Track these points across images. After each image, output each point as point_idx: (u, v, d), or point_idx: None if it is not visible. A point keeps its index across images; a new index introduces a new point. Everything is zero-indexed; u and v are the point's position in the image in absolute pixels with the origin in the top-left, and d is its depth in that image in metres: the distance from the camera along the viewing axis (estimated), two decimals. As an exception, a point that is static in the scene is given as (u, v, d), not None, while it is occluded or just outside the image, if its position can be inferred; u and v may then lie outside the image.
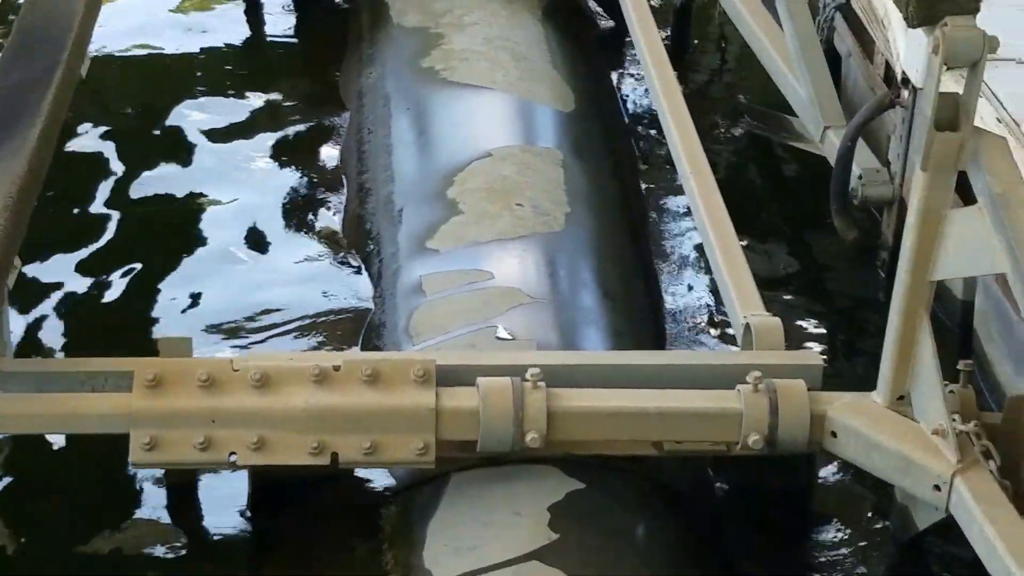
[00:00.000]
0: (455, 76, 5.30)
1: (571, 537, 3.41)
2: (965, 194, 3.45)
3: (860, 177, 4.78)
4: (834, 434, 3.62)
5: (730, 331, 4.20)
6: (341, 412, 3.47)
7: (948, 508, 3.45)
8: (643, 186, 5.43)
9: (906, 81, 4.63)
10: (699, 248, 4.46)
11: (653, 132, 5.67)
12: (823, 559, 3.94)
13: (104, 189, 5.35)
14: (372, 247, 4.64)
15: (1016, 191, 3.27)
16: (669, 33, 6.23)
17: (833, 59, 5.32)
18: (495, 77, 5.29)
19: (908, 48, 4.51)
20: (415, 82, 5.38)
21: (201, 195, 5.33)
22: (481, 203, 4.56)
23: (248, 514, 3.77)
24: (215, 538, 3.81)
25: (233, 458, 3.47)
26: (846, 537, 4.00)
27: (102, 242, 5.06)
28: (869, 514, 4.02)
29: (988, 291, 4.28)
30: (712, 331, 4.66)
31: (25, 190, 3.64)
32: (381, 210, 4.76)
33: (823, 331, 4.65)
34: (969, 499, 3.37)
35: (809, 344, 3.86)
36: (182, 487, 3.83)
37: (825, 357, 3.76)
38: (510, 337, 3.95)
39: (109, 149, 5.59)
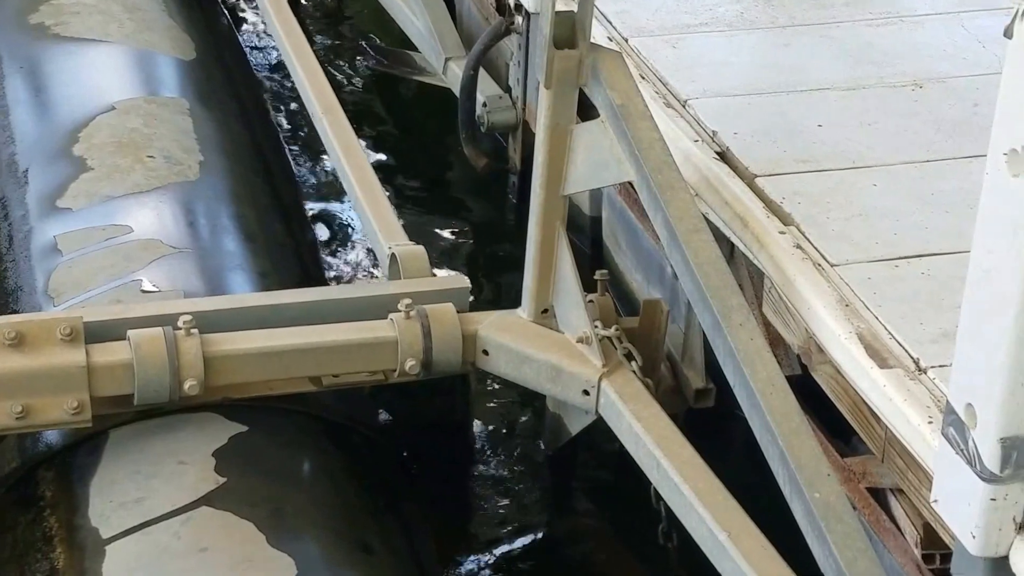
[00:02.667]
0: (68, 31, 5.14)
1: (238, 480, 3.39)
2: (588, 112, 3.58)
3: (484, 105, 4.89)
4: (486, 352, 3.71)
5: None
6: (-11, 378, 3.36)
7: (597, 410, 3.60)
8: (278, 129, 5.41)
9: (519, 7, 4.75)
10: (341, 185, 4.48)
11: (278, 76, 5.65)
12: (484, 474, 4.05)
13: None
14: (-1, 211, 4.48)
15: (634, 102, 3.42)
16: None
17: (447, -9, 5.41)
18: (109, 29, 5.16)
19: (518, -27, 4.65)
20: (26, 40, 5.18)
21: None
22: (111, 158, 4.45)
23: None
24: None
25: None
26: (504, 456, 4.13)
27: None
28: (523, 427, 4.16)
29: (613, 205, 4.46)
30: (363, 264, 4.71)
31: None
32: (5, 172, 4.59)
33: (465, 256, 4.75)
34: (616, 399, 3.53)
35: (454, 269, 3.93)
36: None
37: (469, 281, 3.86)
38: (156, 289, 3.89)
39: None
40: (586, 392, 3.61)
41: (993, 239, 2.39)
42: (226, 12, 6.08)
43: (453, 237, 4.88)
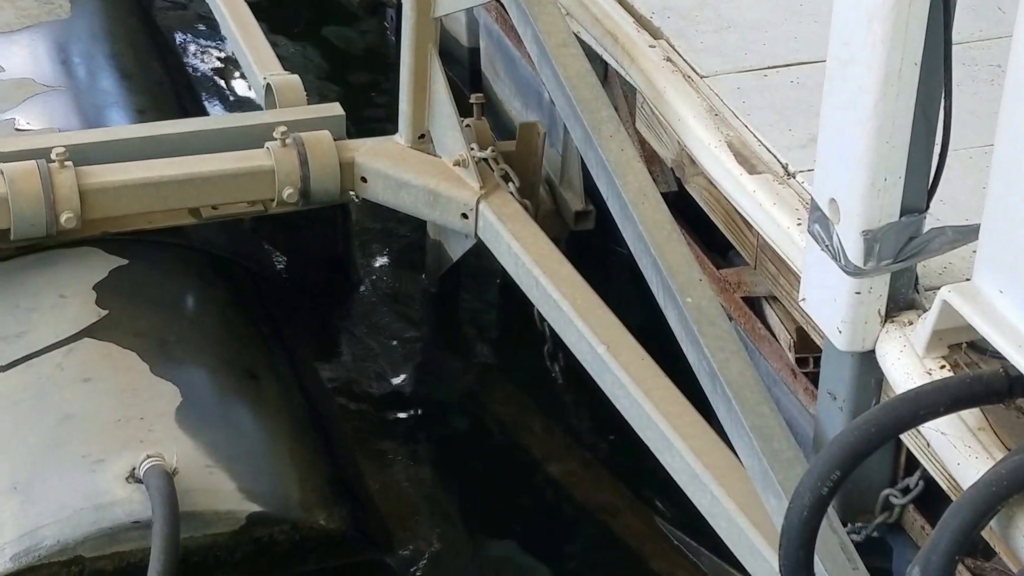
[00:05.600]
0: None
1: (120, 312, 3.36)
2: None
3: (358, -66, 4.80)
4: (364, 179, 3.68)
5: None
6: None
7: (476, 233, 3.58)
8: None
9: None
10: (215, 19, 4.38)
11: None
12: (364, 309, 4.03)
13: None
14: None
15: (503, -82, 3.36)
16: None
17: None
18: None
19: None
20: None
21: None
22: (-19, -2, 4.34)
23: None
24: None
25: None
26: (388, 282, 4.11)
27: None
28: (406, 256, 4.13)
29: (491, 34, 4.40)
30: (241, 99, 4.63)
31: None
32: None
33: (342, 87, 4.69)
34: (495, 220, 3.52)
35: (332, 99, 3.87)
36: None
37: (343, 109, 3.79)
38: (30, 127, 3.80)
39: None
40: (464, 216, 3.59)
41: (849, 31, 2.37)
42: None
43: (330, 68, 4.80)
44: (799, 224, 2.84)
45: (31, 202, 3.37)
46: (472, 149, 3.61)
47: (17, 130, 3.78)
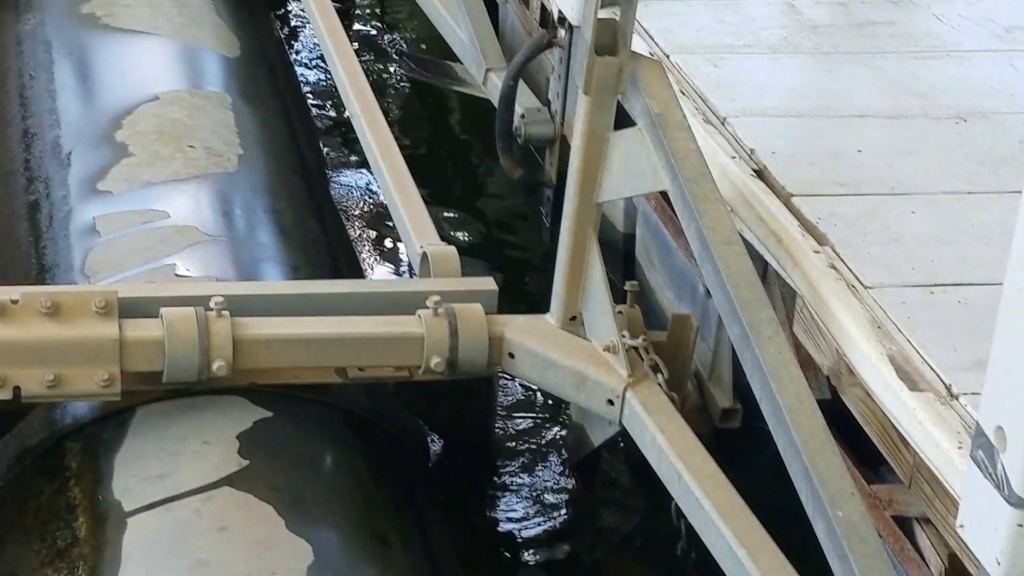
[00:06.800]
0: (117, 22, 5.16)
1: (260, 464, 3.36)
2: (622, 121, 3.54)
3: (523, 116, 4.86)
4: (511, 355, 3.66)
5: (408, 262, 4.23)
6: (22, 345, 3.33)
7: (621, 421, 3.55)
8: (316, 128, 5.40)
9: (562, 20, 4.73)
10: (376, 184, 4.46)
11: (322, 78, 5.64)
12: (505, 480, 4.01)
13: None
14: (41, 190, 4.46)
15: (672, 112, 3.38)
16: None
17: (490, 5, 5.38)
18: (158, 23, 5.17)
19: (563, -14, 4.62)
20: (76, 28, 5.20)
21: None
22: (152, 145, 4.45)
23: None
24: None
25: (-93, 395, 3.30)
26: (526, 460, 4.09)
27: None
28: (547, 436, 4.12)
29: (648, 221, 4.42)
30: (393, 262, 4.68)
31: None
32: (48, 154, 4.58)
33: (495, 262, 4.72)
34: (640, 410, 3.48)
35: (484, 273, 3.90)
36: None
37: (496, 283, 3.81)
38: (189, 274, 3.87)
39: None
40: (610, 402, 3.55)
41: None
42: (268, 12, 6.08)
43: (485, 243, 4.85)
44: (960, 447, 2.78)
45: (186, 347, 3.40)
46: (623, 336, 3.59)
47: (177, 275, 3.85)
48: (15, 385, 3.33)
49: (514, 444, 4.11)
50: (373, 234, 4.84)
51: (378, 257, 4.74)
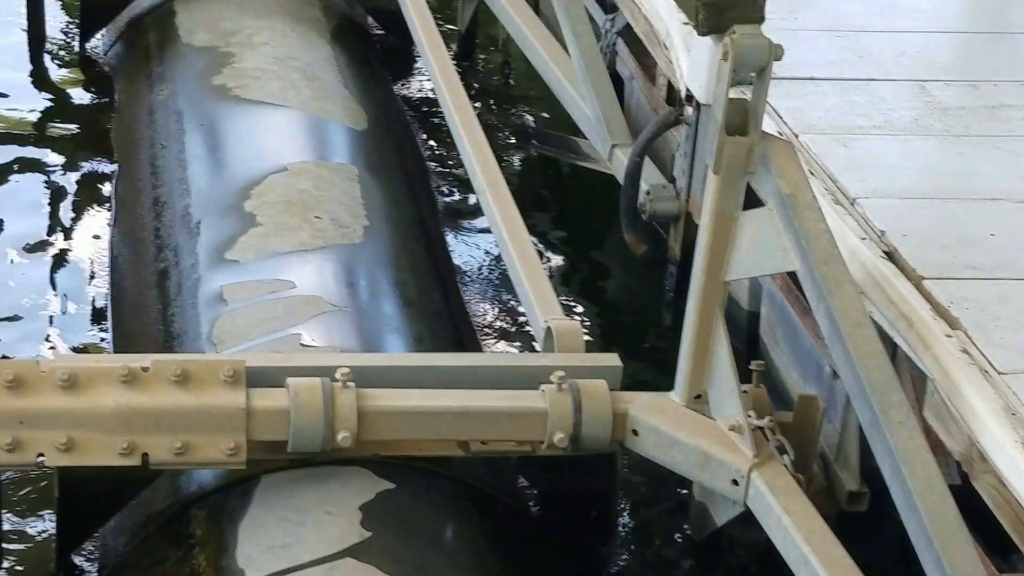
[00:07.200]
0: (248, 94, 5.25)
1: (382, 536, 3.38)
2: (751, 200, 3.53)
3: (648, 193, 4.85)
4: (635, 432, 3.65)
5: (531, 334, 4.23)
6: (151, 412, 3.38)
7: (746, 501, 3.51)
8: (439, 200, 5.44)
9: (690, 98, 4.73)
10: (499, 257, 4.48)
11: (446, 150, 5.69)
12: (626, 557, 3.98)
13: None
14: (170, 258, 4.53)
15: (803, 192, 3.36)
16: (455, 54, 6.24)
17: (616, 83, 5.40)
18: (287, 95, 5.25)
19: (691, 65, 4.61)
20: (208, 99, 5.30)
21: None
22: (280, 216, 4.51)
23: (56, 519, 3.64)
24: (20, 545, 3.67)
25: (41, 459, 3.35)
26: (648, 536, 4.06)
27: None
28: (670, 513, 4.08)
29: (773, 300, 4.38)
30: (515, 335, 4.69)
31: None
32: (178, 222, 4.67)
33: (618, 338, 4.71)
34: (766, 492, 3.44)
35: (606, 348, 3.88)
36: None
37: (620, 359, 3.79)
38: (314, 344, 3.90)
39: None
40: (735, 482, 3.52)
41: None
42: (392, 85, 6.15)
43: (607, 319, 4.84)
44: (1097, 538, 2.72)
45: (311, 418, 3.43)
46: (749, 416, 3.56)
47: (302, 345, 3.89)
48: (143, 452, 3.38)
49: (635, 519, 4.07)
50: (495, 306, 4.85)
51: (499, 329, 4.74)
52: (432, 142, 5.83)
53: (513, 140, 5.81)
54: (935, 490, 2.95)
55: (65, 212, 5.22)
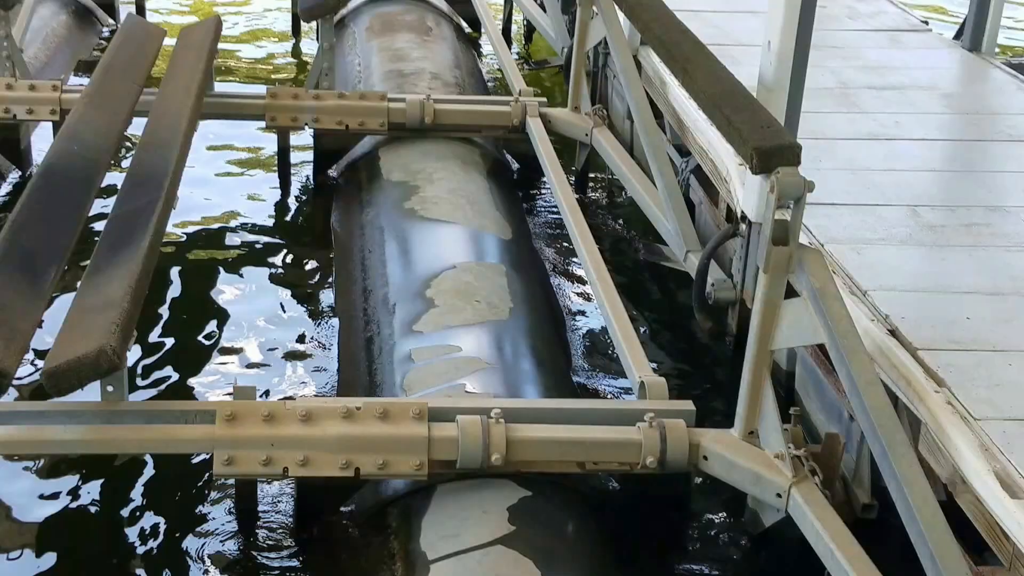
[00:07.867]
0: (429, 214, 5.32)
1: (523, 529, 3.38)
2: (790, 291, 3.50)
3: (713, 285, 4.82)
4: (706, 457, 3.62)
5: (626, 384, 4.21)
6: (362, 439, 3.43)
7: (787, 510, 3.46)
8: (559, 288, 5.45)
9: (744, 218, 4.71)
10: (604, 330, 4.46)
11: (562, 257, 5.74)
12: (699, 548, 3.91)
13: (174, 290, 5.26)
14: (374, 330, 4.61)
15: (829, 288, 3.34)
16: (574, 186, 6.27)
17: (689, 206, 5.40)
18: (456, 215, 5.32)
19: (745, 194, 4.61)
20: (401, 218, 5.38)
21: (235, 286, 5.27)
22: (451, 300, 4.56)
23: (294, 517, 3.69)
24: (268, 538, 3.71)
25: (285, 471, 3.41)
26: (714, 532, 3.99)
27: (177, 324, 4.99)
28: (730, 516, 4.01)
29: (805, 363, 4.33)
30: (614, 386, 4.68)
31: (140, 283, 3.59)
32: (380, 304, 4.74)
33: (691, 387, 4.67)
34: (802, 503, 3.39)
35: (683, 397, 3.85)
36: (245, 497, 3.74)
37: (694, 404, 3.76)
38: (475, 391, 3.93)
39: (179, 265, 5.49)
40: (779, 495, 3.48)
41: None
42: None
43: (684, 375, 4.80)
44: (1052, 543, 2.63)
45: (474, 444, 3.45)
46: (789, 447, 3.52)
47: (467, 392, 3.91)
48: (356, 467, 3.43)
49: (702, 523, 4.00)
50: (602, 363, 4.84)
51: (603, 381, 4.74)
52: (551, 249, 5.85)
53: (618, 250, 5.80)
54: (929, 505, 2.89)
55: (300, 294, 5.32)
